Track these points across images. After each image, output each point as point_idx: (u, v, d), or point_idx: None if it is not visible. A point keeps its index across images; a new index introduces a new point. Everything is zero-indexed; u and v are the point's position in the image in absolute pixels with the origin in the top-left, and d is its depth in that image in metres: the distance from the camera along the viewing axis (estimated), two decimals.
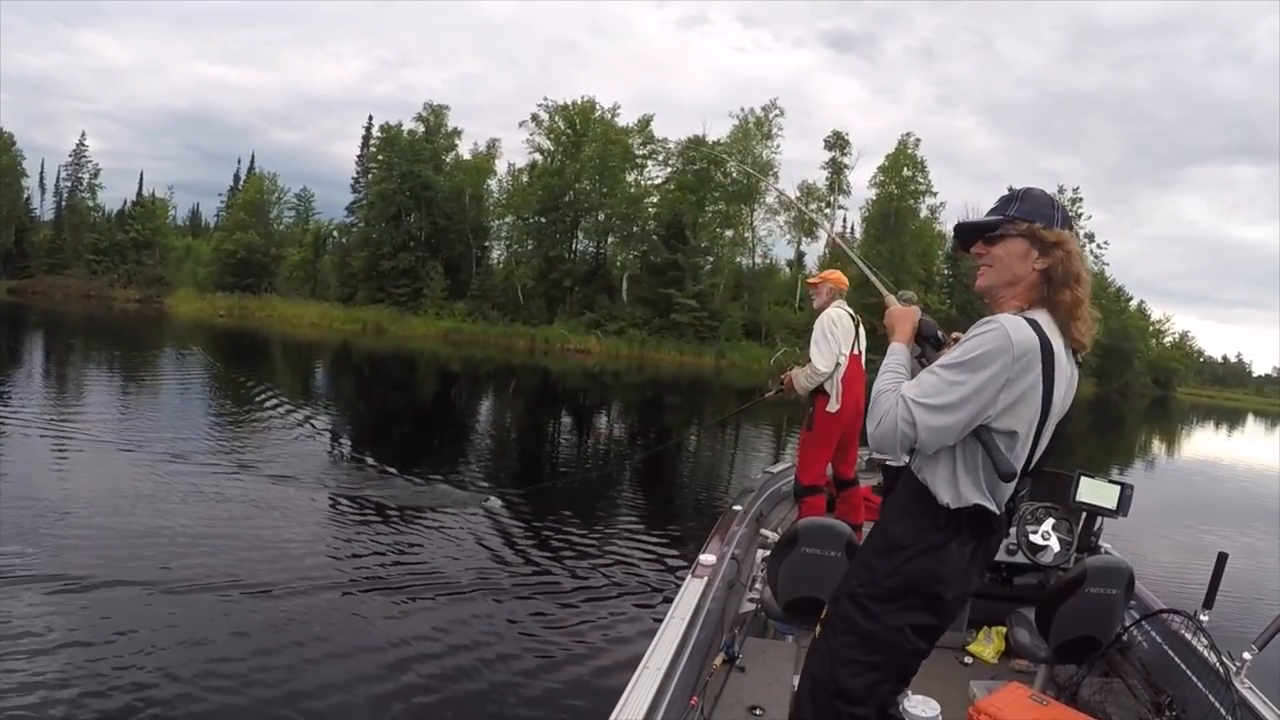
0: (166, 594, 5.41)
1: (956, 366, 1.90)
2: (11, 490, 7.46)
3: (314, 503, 8.26)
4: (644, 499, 9.89)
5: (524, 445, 14.82)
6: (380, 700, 4.29)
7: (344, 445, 12.14)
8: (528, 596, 6.08)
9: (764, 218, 57.16)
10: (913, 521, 2.06)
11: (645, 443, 15.46)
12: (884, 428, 1.93)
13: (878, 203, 56.20)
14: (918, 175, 57.03)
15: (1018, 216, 2.05)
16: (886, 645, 2.06)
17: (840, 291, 5.53)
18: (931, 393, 1.90)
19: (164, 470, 8.82)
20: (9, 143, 67.38)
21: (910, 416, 1.90)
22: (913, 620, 2.04)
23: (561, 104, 54.32)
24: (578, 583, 6.49)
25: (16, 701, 3.90)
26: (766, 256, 59.16)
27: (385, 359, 31.65)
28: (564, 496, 9.41)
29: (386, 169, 53.88)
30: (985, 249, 2.10)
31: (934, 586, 2.01)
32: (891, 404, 1.93)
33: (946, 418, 1.89)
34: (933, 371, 1.94)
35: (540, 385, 27.99)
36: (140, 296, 59.76)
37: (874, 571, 2.07)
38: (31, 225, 68.68)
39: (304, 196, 67.82)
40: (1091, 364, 63.50)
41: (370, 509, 8.11)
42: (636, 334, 47.86)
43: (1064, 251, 2.01)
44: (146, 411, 13.52)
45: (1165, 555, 9.69)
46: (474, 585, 6.22)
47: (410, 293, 51.50)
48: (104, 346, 25.72)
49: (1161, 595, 4.00)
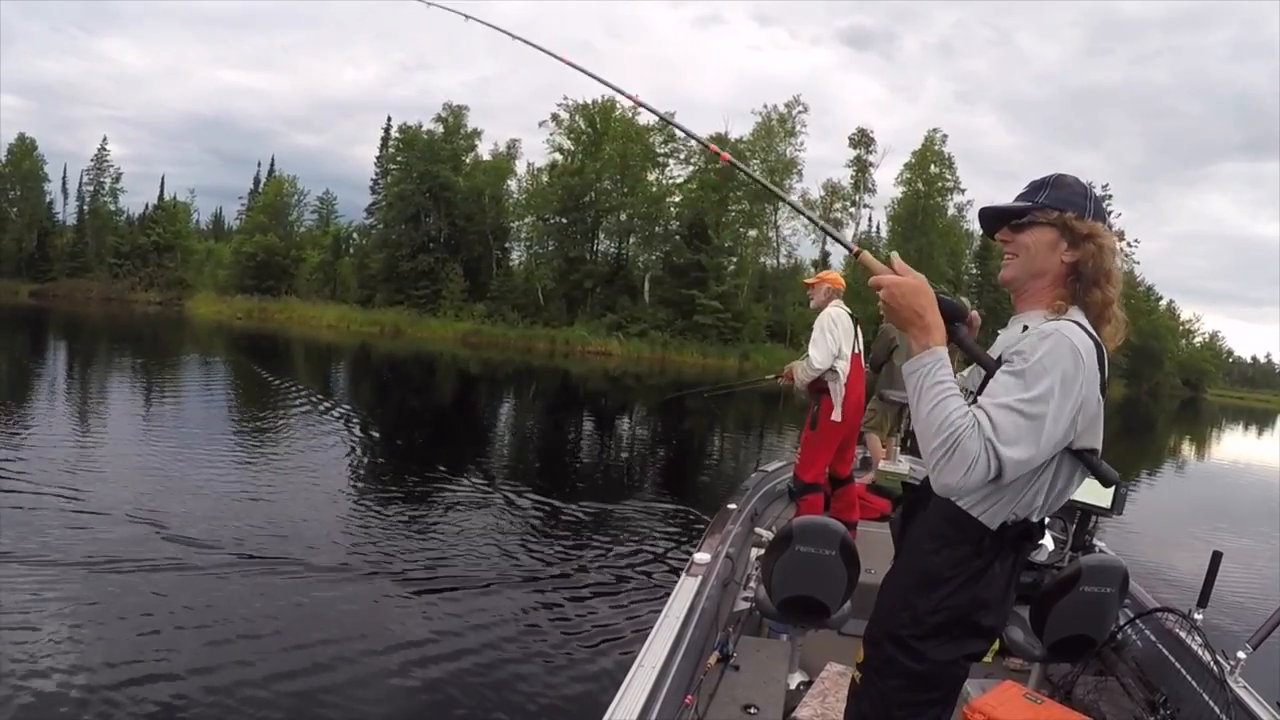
0: (195, 576, 5.85)
1: (1037, 402, 1.75)
2: (44, 484, 7.89)
3: (326, 496, 8.64)
4: (640, 498, 9.95)
5: (544, 447, 14.93)
6: (366, 693, 4.41)
7: (365, 445, 12.36)
8: (522, 594, 6.16)
9: (788, 217, 56.99)
10: (953, 551, 1.93)
11: (667, 450, 15.54)
12: (972, 478, 1.73)
13: (904, 201, 55.79)
14: (945, 172, 56.65)
15: (1048, 204, 1.94)
16: (941, 681, 1.98)
17: (838, 291, 5.65)
18: (1017, 437, 1.73)
19: (193, 464, 9.43)
20: (30, 147, 68.55)
21: (999, 468, 1.73)
22: (964, 651, 1.96)
23: (581, 103, 54.36)
24: (572, 581, 6.58)
25: (67, 671, 4.27)
26: (791, 257, 59.02)
27: (404, 361, 31.82)
28: (559, 495, 9.56)
29: (405, 170, 54.17)
30: (1011, 236, 1.99)
31: (980, 614, 1.92)
32: (978, 451, 1.71)
33: (1035, 458, 1.77)
34: (1011, 409, 1.74)
35: (560, 387, 28.09)
36: (160, 299, 60.53)
37: (915, 610, 1.94)
38: (53, 229, 69.70)
39: (326, 199, 68.60)
40: (1122, 365, 62.80)
41: (374, 506, 8.42)
42: (658, 336, 47.71)
43: (1096, 245, 1.91)
44: (181, 413, 13.90)
45: (1167, 555, 9.71)
46: (469, 581, 6.34)
47: (429, 294, 51.69)
48: (131, 351, 26.15)
49: (1157, 593, 4.04)
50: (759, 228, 56.66)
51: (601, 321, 49.42)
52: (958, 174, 56.95)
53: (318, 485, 9.04)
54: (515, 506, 8.82)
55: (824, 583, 3.34)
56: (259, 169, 78.98)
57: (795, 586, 3.35)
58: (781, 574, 3.37)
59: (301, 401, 16.26)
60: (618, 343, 47.34)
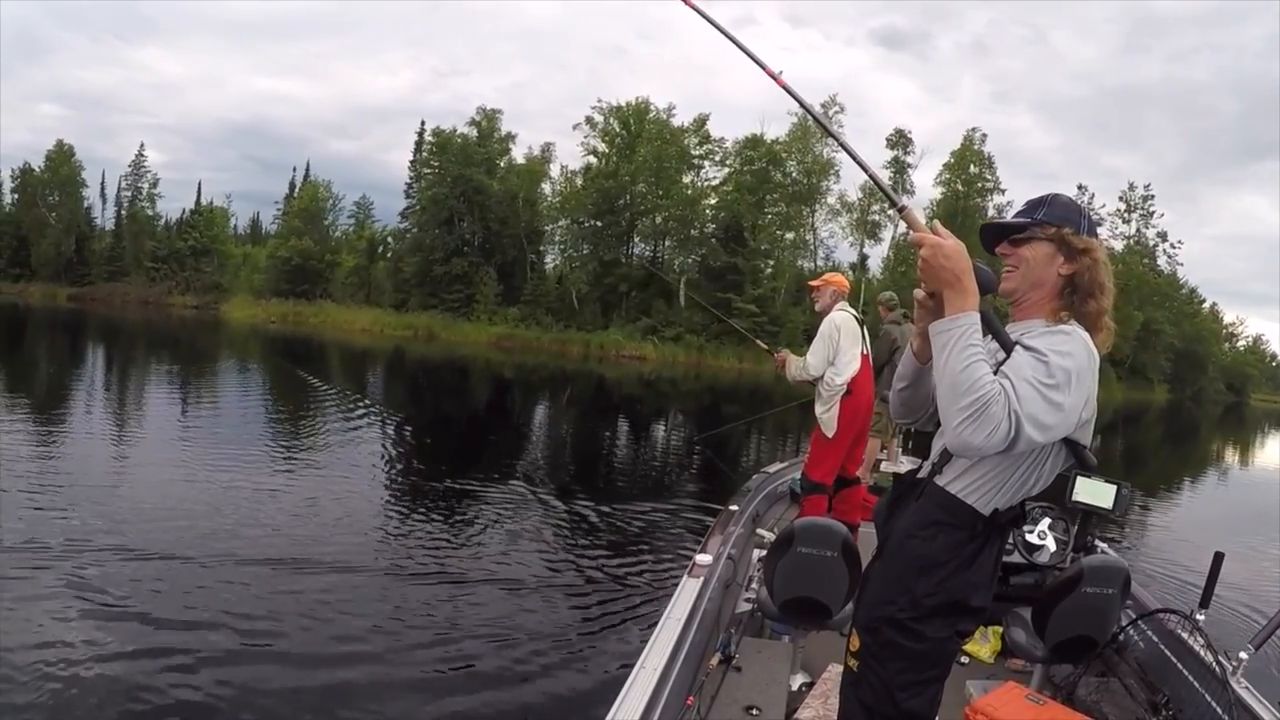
0: (225, 566, 6.20)
1: (1057, 388, 1.86)
2: (82, 481, 8.39)
3: (356, 497, 8.92)
4: (641, 498, 10.03)
5: (576, 452, 15.10)
6: (360, 690, 4.51)
7: (398, 448, 12.71)
8: (524, 595, 6.24)
9: (825, 219, 56.70)
10: (948, 536, 2.05)
11: (701, 455, 15.60)
12: (993, 441, 1.81)
13: (943, 202, 55.39)
14: (985, 172, 56.17)
15: (1046, 220, 2.08)
16: (940, 657, 2.10)
17: (842, 294, 5.70)
18: (1037, 413, 1.83)
19: (232, 464, 9.81)
20: (69, 154, 70.13)
21: (1016, 438, 1.82)
22: (958, 628, 2.09)
23: (616, 105, 54.64)
24: (574, 582, 6.66)
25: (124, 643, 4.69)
26: (829, 259, 58.29)
27: (438, 366, 32.16)
28: (562, 496, 9.70)
29: (438, 174, 54.59)
30: (1011, 250, 2.12)
31: (973, 596, 2.04)
32: (1003, 417, 1.80)
33: (1048, 436, 1.88)
34: (1033, 386, 1.84)
35: (595, 392, 28.25)
36: (197, 303, 61.65)
37: (914, 593, 2.05)
38: (92, 234, 71.19)
39: (363, 204, 69.38)
40: (1165, 370, 61.81)
41: (398, 507, 8.71)
42: (694, 340, 47.57)
43: (1091, 259, 2.05)
44: (218, 415, 14.45)
45: (1172, 555, 9.67)
46: (470, 581, 6.45)
47: (463, 298, 52.01)
48: (170, 354, 26.80)
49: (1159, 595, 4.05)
50: (796, 230, 56.44)
51: (636, 325, 49.40)
52: (998, 174, 56.62)
53: (351, 488, 9.30)
54: (537, 510, 8.96)
55: (826, 584, 3.37)
56: (294, 174, 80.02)
57: (797, 588, 3.39)
58: (783, 575, 3.41)
59: (338, 404, 16.67)
60: (652, 347, 47.31)
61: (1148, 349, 59.01)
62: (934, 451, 2.19)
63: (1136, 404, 52.69)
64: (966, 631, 2.15)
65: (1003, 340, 2.00)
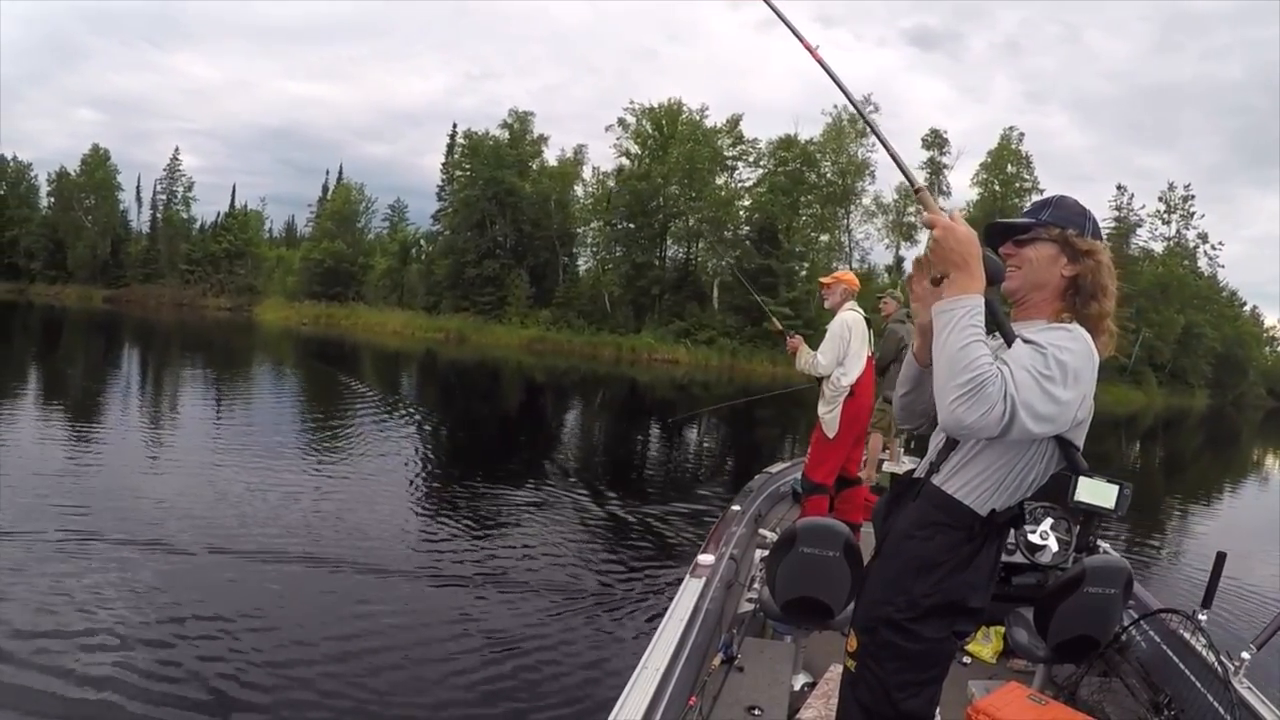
0: (258, 564, 6.40)
1: (1054, 381, 1.87)
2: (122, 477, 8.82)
3: (386, 498, 9.14)
4: (642, 498, 10.11)
5: (607, 456, 15.22)
6: (364, 685, 4.61)
7: (430, 449, 13.08)
8: (525, 595, 6.30)
9: (860, 220, 56.29)
10: (945, 537, 2.07)
11: (733, 457, 15.65)
12: (986, 421, 1.82)
13: (980, 203, 54.75)
14: (1022, 171, 55.54)
15: (1050, 221, 2.12)
16: (937, 658, 2.12)
17: (852, 293, 5.76)
18: (1033, 402, 1.85)
19: (267, 463, 10.06)
20: (104, 158, 71.72)
21: (1010, 424, 1.83)
22: (955, 628, 2.11)
23: (648, 106, 54.68)
24: (576, 582, 6.72)
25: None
26: (864, 261, 57.76)
27: (469, 368, 32.40)
28: (583, 500, 9.80)
29: (470, 176, 54.98)
30: (1015, 250, 2.15)
31: (971, 597, 2.06)
32: (998, 399, 1.81)
33: (1043, 427, 1.89)
34: (1031, 375, 1.86)
35: (627, 395, 28.36)
36: (230, 305, 62.77)
37: (911, 594, 2.07)
38: (127, 237, 72.70)
39: (397, 207, 70.20)
40: (1206, 374, 60.50)
41: (421, 508, 8.95)
42: (727, 343, 47.42)
43: (1094, 261, 2.08)
44: (251, 414, 14.85)
45: (1172, 555, 9.64)
46: (472, 580, 6.54)
47: (495, 300, 52.30)
48: (204, 356, 27.34)
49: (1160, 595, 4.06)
50: (831, 232, 56.12)
51: (669, 328, 49.34)
52: (1035, 174, 55.91)
53: (378, 489, 9.51)
54: (557, 513, 9.02)
55: (828, 584, 3.39)
56: (327, 177, 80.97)
57: (799, 588, 3.42)
58: (785, 575, 3.44)
59: (370, 406, 16.96)
60: (685, 350, 47.20)
61: (1189, 353, 57.85)
62: (931, 451, 2.22)
63: (1177, 409, 51.72)
64: (964, 632, 2.17)
65: (1004, 330, 2.03)
